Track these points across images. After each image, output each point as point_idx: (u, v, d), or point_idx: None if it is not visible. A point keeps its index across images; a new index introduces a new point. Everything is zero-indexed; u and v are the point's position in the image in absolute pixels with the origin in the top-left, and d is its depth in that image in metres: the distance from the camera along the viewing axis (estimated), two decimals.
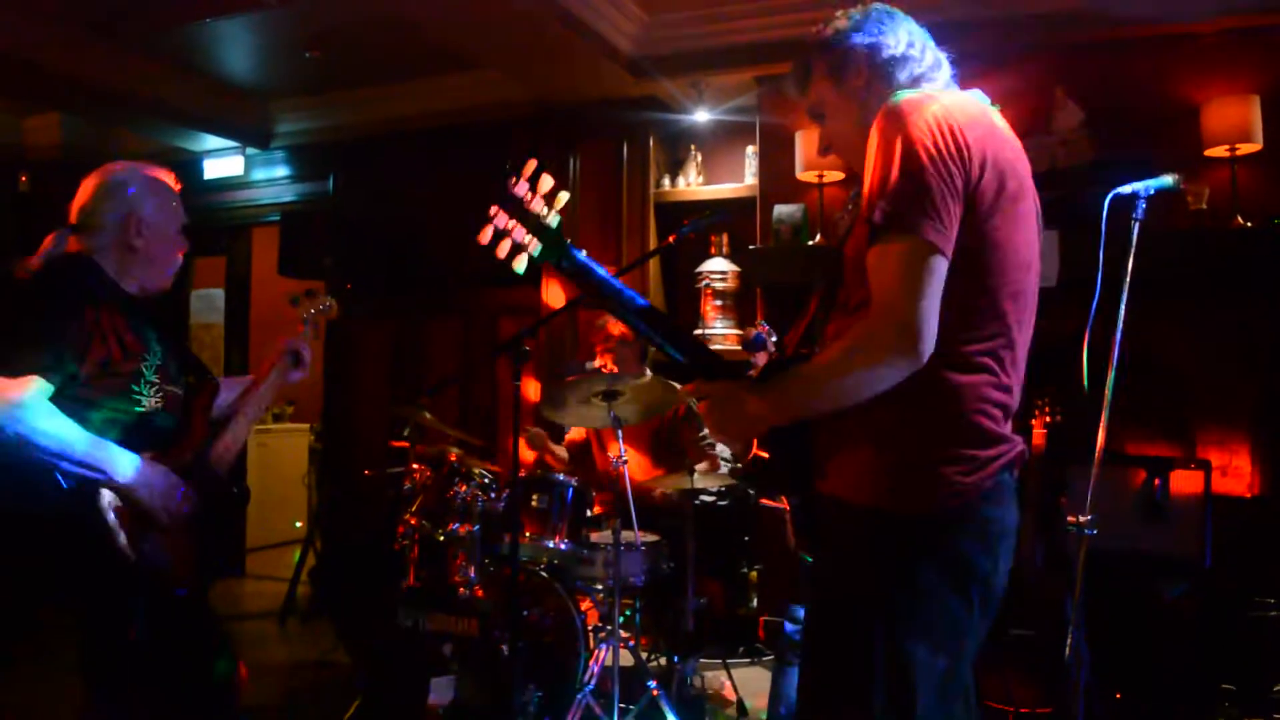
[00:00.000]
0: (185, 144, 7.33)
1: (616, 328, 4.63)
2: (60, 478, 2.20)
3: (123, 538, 2.26)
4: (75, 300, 2.31)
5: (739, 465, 2.24)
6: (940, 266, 1.69)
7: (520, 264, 1.93)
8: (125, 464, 2.27)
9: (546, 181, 1.92)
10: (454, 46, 5.59)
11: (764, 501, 3.72)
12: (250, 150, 7.39)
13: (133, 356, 2.34)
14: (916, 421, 1.77)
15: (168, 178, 2.60)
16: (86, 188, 2.50)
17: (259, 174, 7.45)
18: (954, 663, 1.80)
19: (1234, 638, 4.09)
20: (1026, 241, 1.86)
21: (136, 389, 2.35)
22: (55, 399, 2.20)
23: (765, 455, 2.04)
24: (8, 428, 2.14)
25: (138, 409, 2.35)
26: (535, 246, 1.92)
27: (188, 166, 7.39)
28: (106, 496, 2.25)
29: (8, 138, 7.42)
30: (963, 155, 1.74)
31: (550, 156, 6.24)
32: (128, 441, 2.30)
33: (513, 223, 1.91)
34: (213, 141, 7.24)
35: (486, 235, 1.90)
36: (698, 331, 5.55)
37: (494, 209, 1.91)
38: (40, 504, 2.22)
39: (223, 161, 7.48)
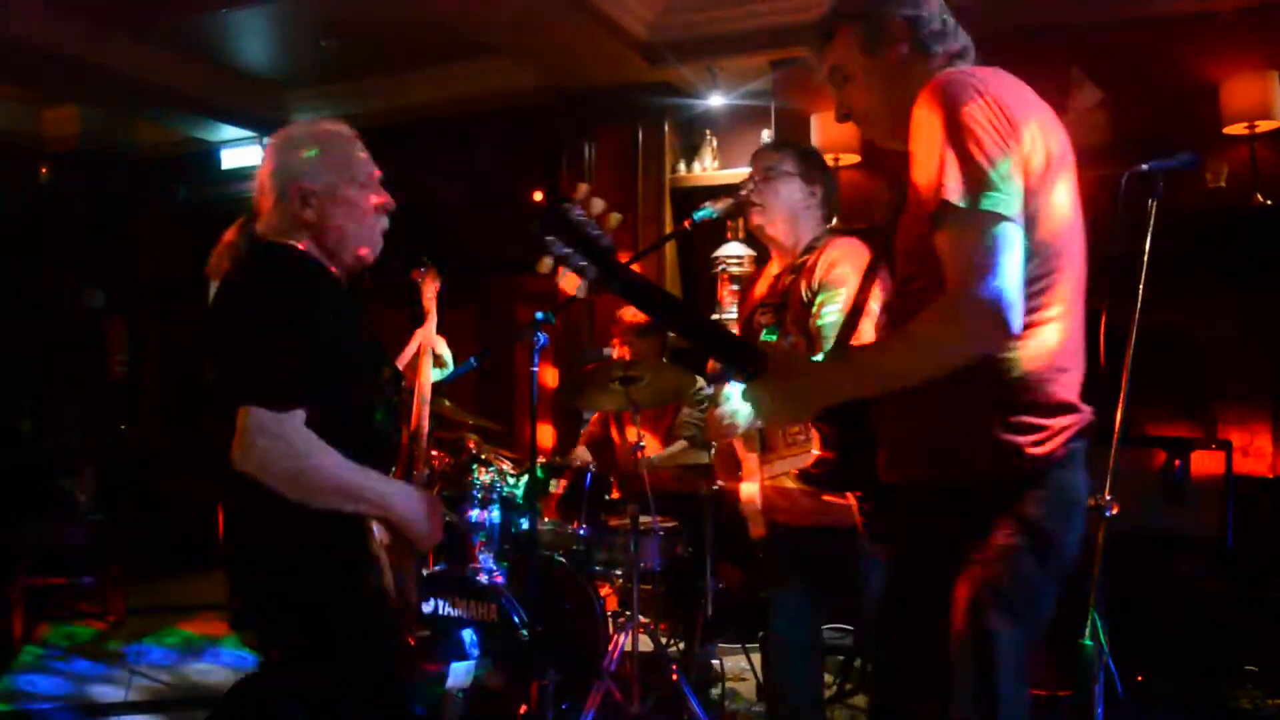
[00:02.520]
0: (203, 134, 7.35)
1: (633, 316, 4.63)
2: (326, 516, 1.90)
3: (389, 576, 1.97)
4: (309, 302, 1.97)
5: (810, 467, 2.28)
6: (1017, 240, 1.69)
7: (581, 289, 1.90)
8: (401, 495, 2.00)
9: (598, 204, 1.89)
10: (469, 33, 5.59)
11: (722, 484, 3.68)
12: (266, 140, 7.39)
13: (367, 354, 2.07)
14: (987, 393, 1.76)
15: (337, 126, 2.23)
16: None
17: None
18: (1031, 637, 1.80)
19: (1256, 619, 4.06)
20: (1076, 208, 1.86)
21: (371, 395, 2.07)
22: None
23: (829, 455, 2.02)
24: (287, 470, 1.85)
25: (377, 418, 2.08)
26: (592, 271, 1.88)
27: (205, 157, 7.43)
28: (377, 532, 1.97)
29: (27, 129, 7.47)
30: (1016, 128, 1.74)
31: (566, 143, 6.24)
32: (361, 458, 1.96)
33: (569, 249, 1.87)
34: (230, 131, 7.27)
35: (546, 265, 1.86)
36: (715, 316, 5.53)
37: (549, 235, 1.87)
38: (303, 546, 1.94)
39: (240, 151, 7.49)
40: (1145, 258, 2.52)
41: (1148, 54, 4.72)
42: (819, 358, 2.19)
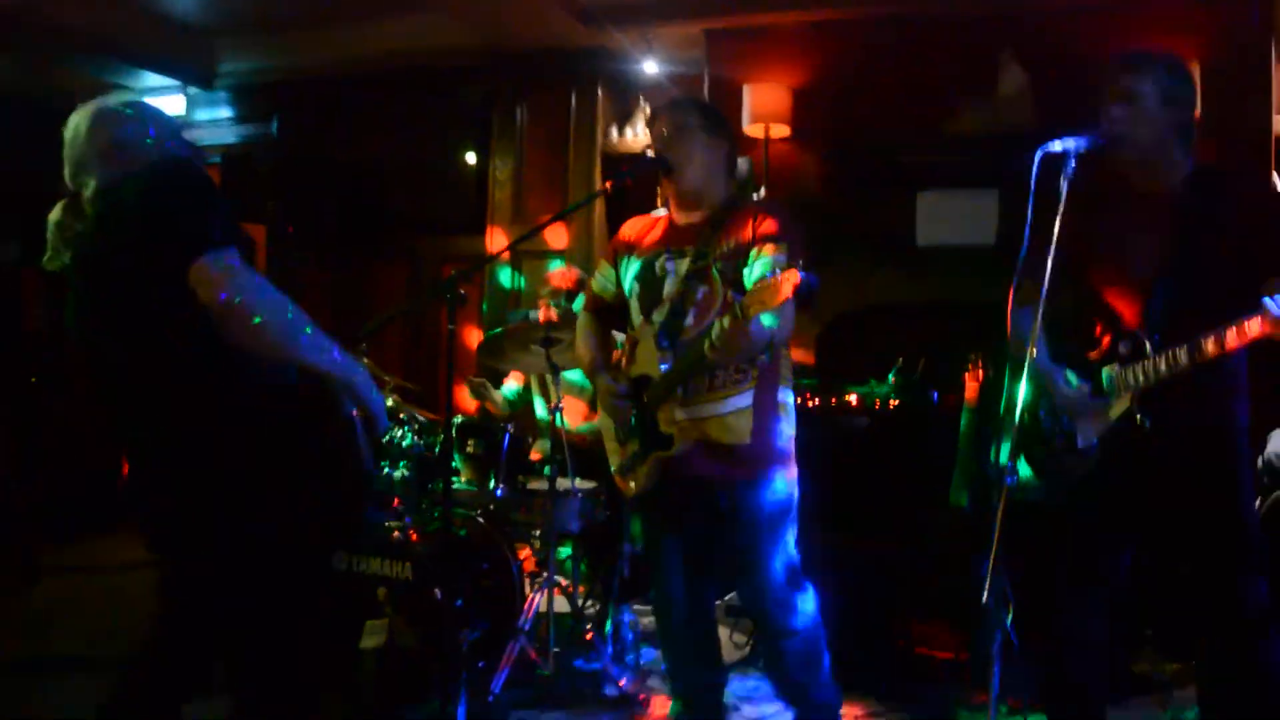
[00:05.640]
0: (125, 82, 7.14)
1: (560, 279, 4.63)
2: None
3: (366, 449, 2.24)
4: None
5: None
6: None
7: None
8: (357, 365, 2.25)
9: None
10: None
11: None
12: (192, 90, 7.23)
13: None
14: None
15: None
16: None
17: (201, 114, 7.29)
18: None
19: (1154, 583, 4.19)
20: None
21: None
22: None
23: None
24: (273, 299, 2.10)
25: None
26: None
27: None
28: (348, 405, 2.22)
29: None
30: None
31: (499, 105, 6.20)
32: None
33: None
34: (153, 80, 7.07)
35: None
36: None
37: None
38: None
39: (163, 101, 7.29)
40: (1054, 239, 2.57)
41: (1076, 41, 4.81)
42: None
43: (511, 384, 4.97)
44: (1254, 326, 2.32)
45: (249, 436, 2.18)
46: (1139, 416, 2.58)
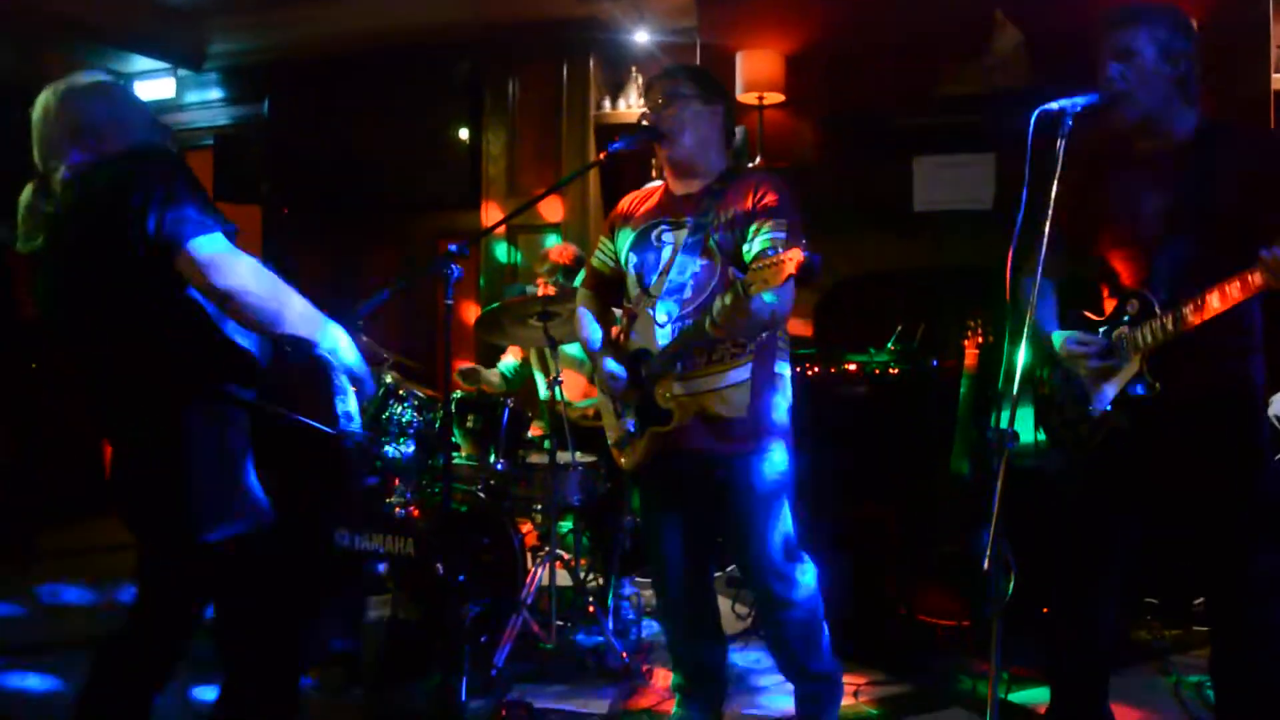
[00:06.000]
0: (114, 65, 7.09)
1: (558, 254, 4.61)
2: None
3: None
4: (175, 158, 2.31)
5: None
6: None
7: None
8: (338, 328, 2.30)
9: None
10: None
11: None
12: (182, 72, 7.18)
13: None
14: None
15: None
16: None
17: (191, 96, 7.24)
18: None
19: (1157, 551, 4.19)
20: None
21: None
22: None
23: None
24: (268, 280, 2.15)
25: None
26: None
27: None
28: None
29: None
30: None
31: (490, 79, 6.15)
32: None
33: None
34: (143, 63, 7.03)
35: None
36: None
37: None
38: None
39: (153, 84, 7.26)
40: (1052, 201, 2.54)
41: None
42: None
43: (509, 359, 4.96)
44: (1255, 279, 2.29)
45: (223, 420, 2.21)
46: (1149, 378, 2.56)
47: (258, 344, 2.30)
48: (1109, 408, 2.66)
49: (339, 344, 2.29)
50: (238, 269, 2.10)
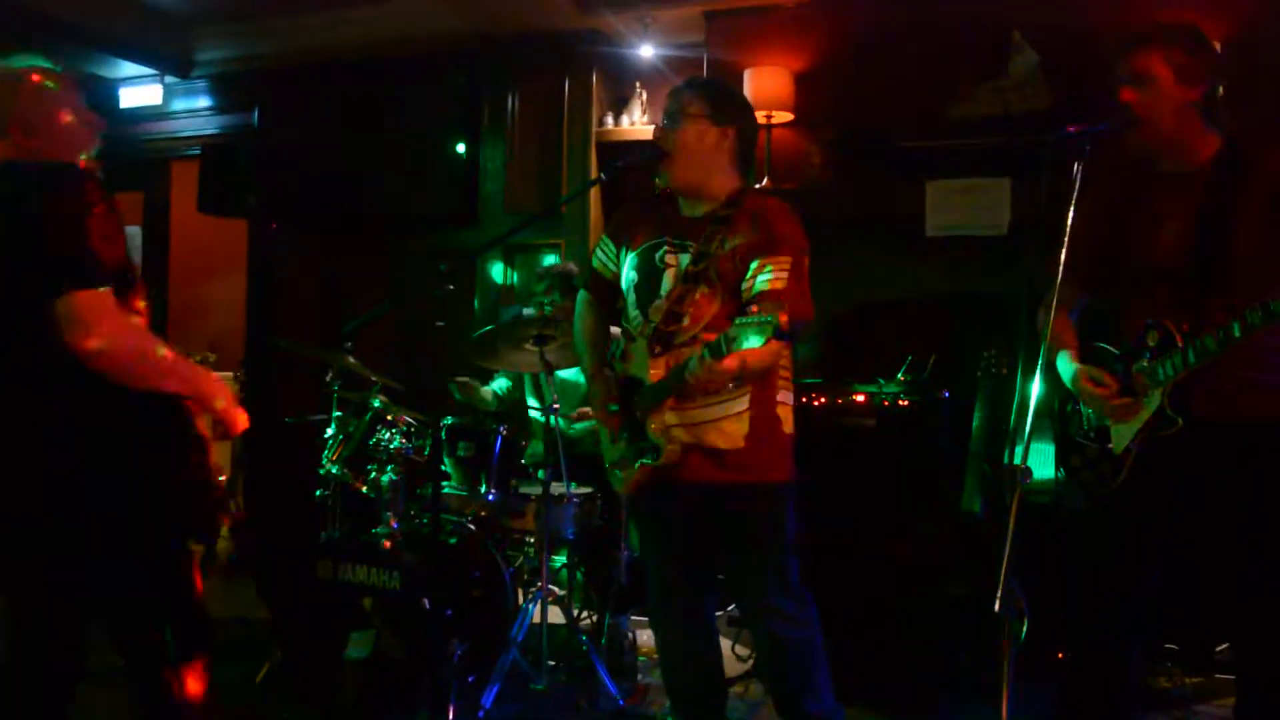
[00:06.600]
0: (100, 70, 7.15)
1: (554, 277, 4.62)
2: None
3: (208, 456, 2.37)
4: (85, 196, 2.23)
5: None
6: None
7: None
8: (207, 378, 2.31)
9: None
10: None
11: None
12: (169, 79, 7.22)
13: None
14: None
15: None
16: None
17: (179, 104, 7.28)
18: None
19: (1178, 596, 4.18)
20: None
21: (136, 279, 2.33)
22: None
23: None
24: (135, 347, 2.13)
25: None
26: None
27: (102, 95, 7.22)
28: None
29: None
30: None
31: (488, 92, 6.18)
32: None
33: None
34: (129, 68, 7.07)
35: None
36: None
37: None
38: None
39: (140, 90, 7.30)
40: (1068, 226, 2.56)
41: (1090, 19, 4.78)
42: None
43: (501, 379, 4.95)
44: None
45: (81, 442, 2.20)
46: (1171, 413, 2.57)
47: None
48: (1131, 445, 2.66)
49: (205, 390, 2.31)
50: (109, 333, 2.08)
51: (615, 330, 3.19)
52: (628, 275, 3.04)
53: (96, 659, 2.47)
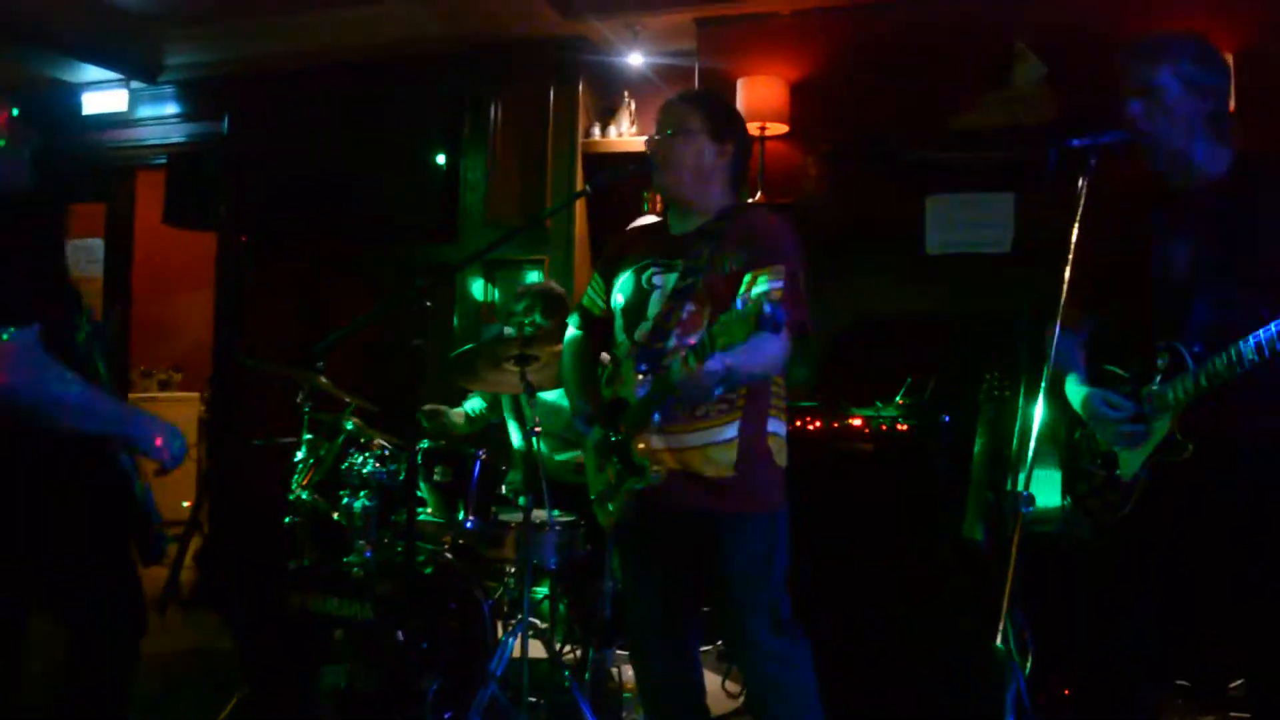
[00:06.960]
0: (62, 74, 7.11)
1: (534, 296, 4.60)
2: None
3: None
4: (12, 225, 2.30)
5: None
6: None
7: None
8: (134, 418, 2.38)
9: None
10: None
11: None
12: (135, 84, 7.20)
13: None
14: None
15: None
16: None
17: (145, 111, 7.26)
18: None
19: (1192, 630, 4.16)
20: None
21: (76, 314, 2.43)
22: None
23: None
24: (20, 394, 2.13)
25: (79, 339, 2.40)
26: None
27: (64, 100, 7.19)
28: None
29: None
30: None
31: (470, 101, 6.17)
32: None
33: None
34: (94, 73, 7.04)
35: None
36: None
37: None
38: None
39: (104, 95, 7.28)
40: (1072, 242, 2.54)
41: (1097, 29, 4.78)
42: None
43: (474, 399, 4.90)
44: None
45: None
46: (1181, 438, 2.54)
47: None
48: (1140, 472, 2.64)
49: (127, 429, 2.38)
50: (25, 380, 2.12)
51: (605, 357, 3.16)
52: (616, 300, 3.02)
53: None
